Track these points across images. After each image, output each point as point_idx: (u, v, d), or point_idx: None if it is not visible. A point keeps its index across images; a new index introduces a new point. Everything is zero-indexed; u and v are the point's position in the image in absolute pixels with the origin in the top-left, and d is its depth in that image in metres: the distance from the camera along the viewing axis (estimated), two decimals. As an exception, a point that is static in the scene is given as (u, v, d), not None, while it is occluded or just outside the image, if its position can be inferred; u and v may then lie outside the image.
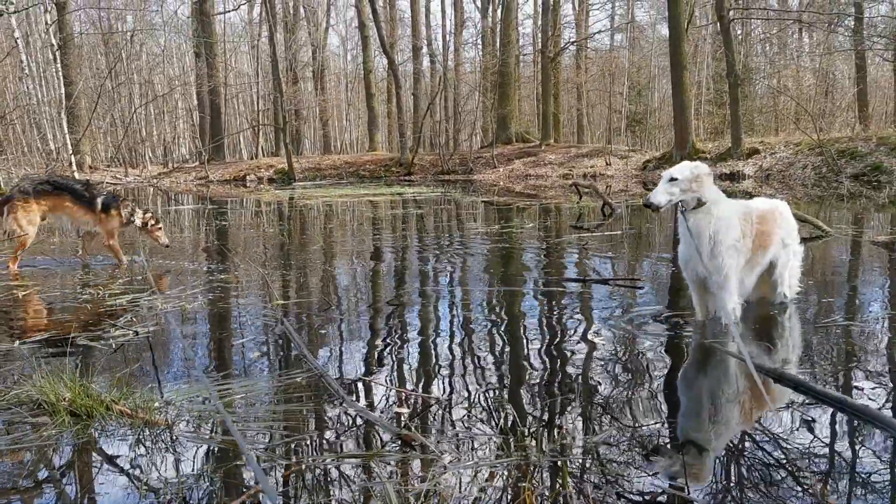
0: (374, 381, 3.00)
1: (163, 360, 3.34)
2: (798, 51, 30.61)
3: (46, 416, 2.53)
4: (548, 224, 9.65)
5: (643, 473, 2.12)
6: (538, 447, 2.27)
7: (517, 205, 12.78)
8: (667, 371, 3.11)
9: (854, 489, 2.03)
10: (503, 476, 2.09)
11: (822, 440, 2.36)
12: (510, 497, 1.98)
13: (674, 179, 3.42)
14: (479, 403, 2.72)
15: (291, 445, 2.36)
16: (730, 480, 2.12)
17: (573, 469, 2.15)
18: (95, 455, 2.31)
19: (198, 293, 4.85)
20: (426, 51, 33.11)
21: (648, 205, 3.44)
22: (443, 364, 3.25)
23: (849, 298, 4.51)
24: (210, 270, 5.91)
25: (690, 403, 2.82)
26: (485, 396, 2.80)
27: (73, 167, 18.74)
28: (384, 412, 2.67)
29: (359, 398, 2.84)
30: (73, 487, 2.12)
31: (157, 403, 2.68)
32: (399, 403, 2.75)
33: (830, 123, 23.08)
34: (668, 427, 2.48)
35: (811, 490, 2.01)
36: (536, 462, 2.17)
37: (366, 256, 6.88)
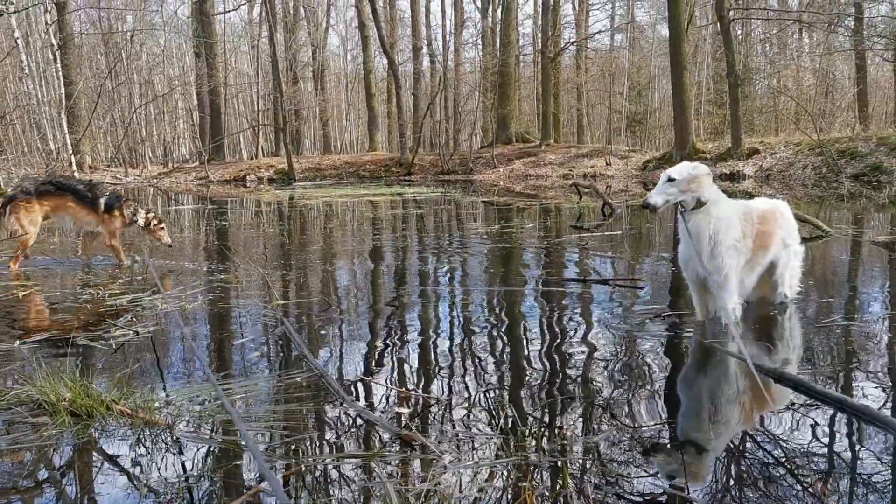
0: (375, 381, 3.00)
1: (163, 361, 3.34)
2: (798, 51, 30.63)
3: (47, 416, 2.53)
4: (548, 224, 9.65)
5: (643, 473, 2.13)
6: (538, 447, 2.27)
7: (517, 205, 12.78)
8: (666, 371, 3.11)
9: (854, 489, 2.03)
10: (503, 476, 2.09)
11: (823, 440, 2.36)
12: (510, 497, 1.98)
13: (671, 180, 3.43)
14: (480, 403, 2.72)
15: (291, 445, 2.36)
16: (730, 480, 2.12)
17: (573, 469, 2.15)
18: (96, 455, 2.31)
19: (198, 293, 4.85)
20: (426, 51, 33.12)
21: (646, 206, 3.45)
22: (443, 364, 3.25)
23: (849, 298, 4.50)
24: (210, 270, 5.91)
25: (690, 403, 2.82)
26: (485, 396, 2.80)
27: (73, 167, 18.75)
28: (384, 412, 2.67)
29: (359, 398, 2.84)
30: (74, 488, 2.12)
31: (158, 403, 2.68)
32: (399, 403, 2.76)
33: (830, 123, 23.10)
34: (668, 427, 2.48)
35: (811, 490, 2.01)
36: (537, 462, 2.17)
37: (366, 256, 6.88)
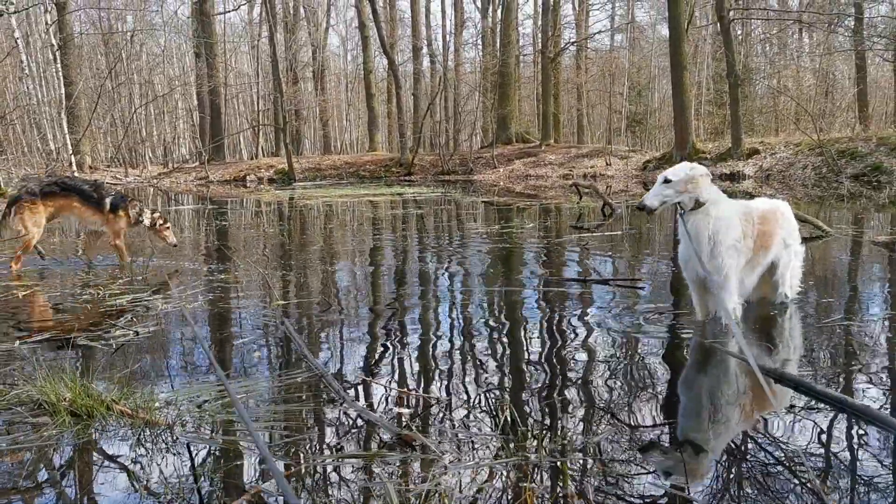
0: (375, 382, 3.00)
1: (162, 361, 3.34)
2: (798, 51, 30.62)
3: (47, 416, 2.53)
4: (548, 224, 9.65)
5: (643, 473, 2.12)
6: (538, 447, 2.27)
7: (517, 205, 12.77)
8: (667, 371, 3.11)
9: (854, 489, 2.03)
10: (504, 476, 2.09)
11: (823, 440, 2.36)
12: (511, 497, 1.98)
13: (668, 181, 3.42)
14: (480, 404, 2.72)
15: (291, 446, 2.36)
16: (729, 480, 2.12)
17: (574, 470, 2.15)
18: (96, 455, 2.31)
19: (198, 293, 4.85)
20: (426, 51, 33.12)
21: (641, 207, 3.44)
22: (443, 364, 3.25)
23: (849, 298, 4.50)
24: (210, 270, 5.91)
25: (690, 403, 2.82)
26: (485, 396, 2.80)
27: (73, 167, 18.76)
28: (385, 412, 2.67)
29: (359, 398, 2.84)
30: (74, 488, 2.12)
31: (158, 403, 2.68)
32: (399, 403, 2.75)
33: (830, 124, 23.09)
34: (668, 427, 2.48)
35: (811, 490, 2.00)
36: (537, 462, 2.17)
37: (366, 257, 6.88)
